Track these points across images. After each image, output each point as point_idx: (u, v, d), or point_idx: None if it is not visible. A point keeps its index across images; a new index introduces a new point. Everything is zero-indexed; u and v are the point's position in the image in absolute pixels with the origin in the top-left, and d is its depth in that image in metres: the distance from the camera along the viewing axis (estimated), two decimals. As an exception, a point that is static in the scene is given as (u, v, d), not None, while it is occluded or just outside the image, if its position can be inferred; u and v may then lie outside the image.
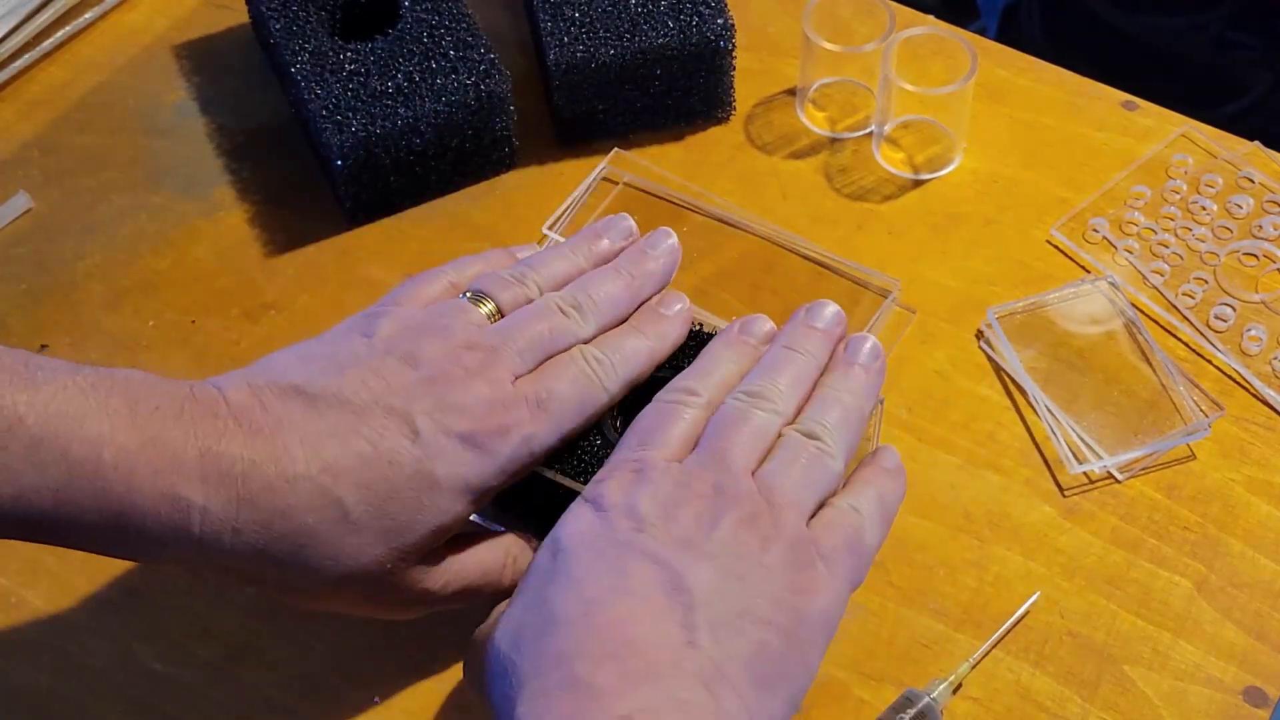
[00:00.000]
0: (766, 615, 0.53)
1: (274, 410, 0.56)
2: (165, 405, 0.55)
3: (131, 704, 0.65)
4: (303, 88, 0.78)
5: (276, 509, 0.55)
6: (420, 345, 0.59)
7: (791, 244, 0.78)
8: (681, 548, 0.54)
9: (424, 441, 0.57)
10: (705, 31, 0.79)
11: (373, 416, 0.57)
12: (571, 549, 0.55)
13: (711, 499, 0.56)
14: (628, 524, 0.55)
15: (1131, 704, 0.64)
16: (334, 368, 0.58)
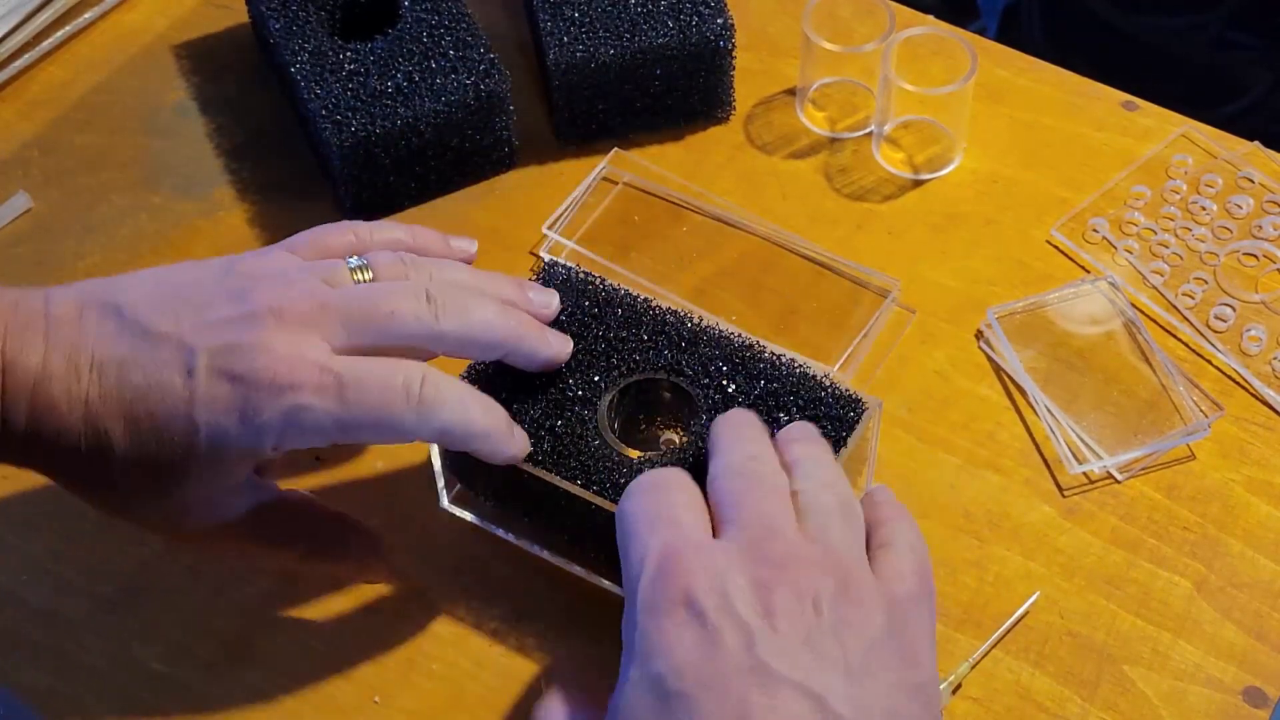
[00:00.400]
0: (906, 707, 0.50)
1: (87, 329, 0.57)
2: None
3: (131, 704, 0.65)
4: (303, 88, 0.78)
5: (56, 428, 0.56)
6: (259, 287, 0.58)
7: (791, 244, 0.78)
8: (803, 655, 0.50)
9: (195, 382, 0.56)
10: (705, 31, 0.79)
11: (162, 349, 0.56)
12: (684, 691, 0.49)
13: (794, 574, 0.51)
14: (738, 639, 0.50)
15: (1131, 704, 0.64)
16: (169, 294, 0.58)
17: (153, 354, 0.56)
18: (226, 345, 0.56)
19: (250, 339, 0.56)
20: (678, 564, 0.52)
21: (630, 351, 0.65)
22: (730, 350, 0.65)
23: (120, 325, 0.57)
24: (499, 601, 0.67)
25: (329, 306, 0.58)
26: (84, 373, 0.56)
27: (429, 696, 0.65)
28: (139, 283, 0.59)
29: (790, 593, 0.51)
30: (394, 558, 0.67)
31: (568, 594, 0.67)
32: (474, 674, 0.65)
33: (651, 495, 0.56)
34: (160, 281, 0.59)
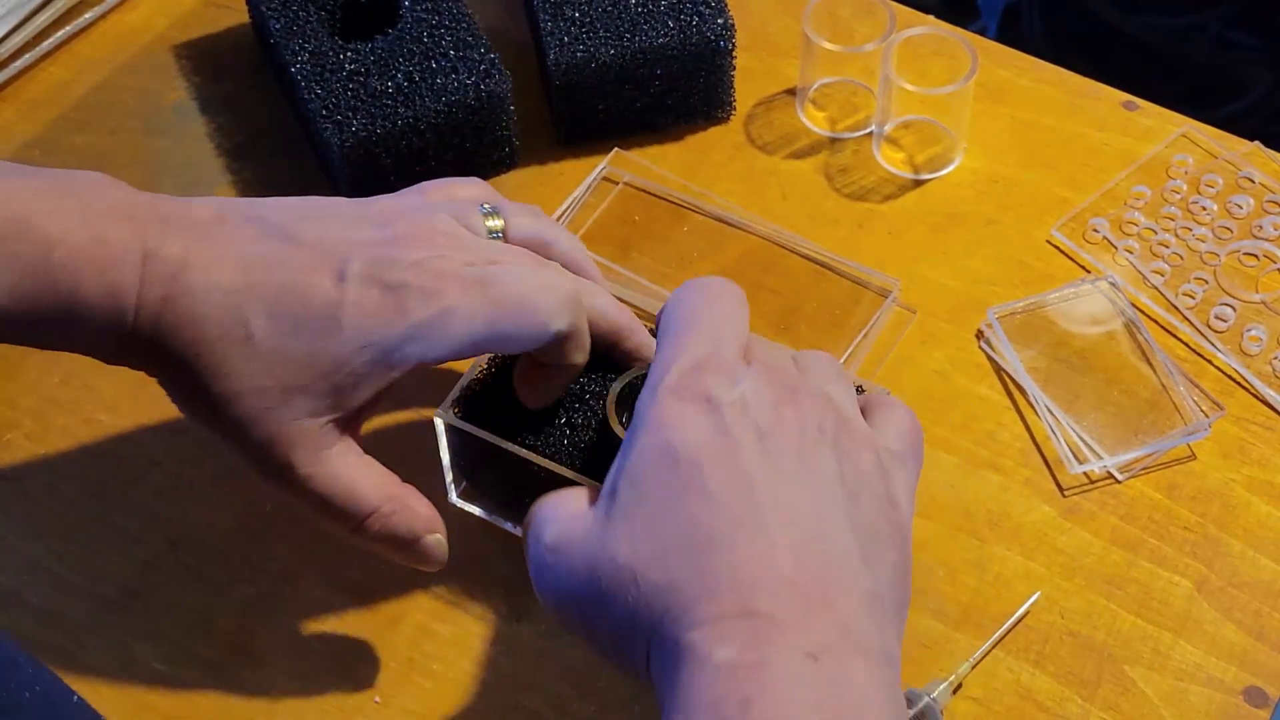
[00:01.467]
0: (887, 533, 0.52)
1: (228, 228, 0.58)
2: (120, 207, 0.57)
3: (131, 704, 0.65)
4: (303, 88, 0.78)
5: (190, 314, 0.57)
6: (400, 218, 0.60)
7: (791, 244, 0.78)
8: (805, 462, 0.52)
9: (345, 286, 0.57)
10: (705, 31, 0.79)
11: (309, 254, 0.58)
12: (696, 460, 0.52)
13: (808, 402, 0.54)
14: (746, 431, 0.52)
15: (1131, 704, 0.64)
16: (311, 214, 0.60)
17: (301, 256, 0.58)
18: (376, 258, 0.58)
19: (399, 255, 0.58)
20: (707, 366, 0.54)
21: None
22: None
23: (264, 229, 0.59)
24: (500, 600, 0.67)
25: (469, 249, 0.60)
26: (228, 264, 0.57)
27: (429, 696, 0.65)
28: (279, 203, 0.61)
29: (797, 413, 0.53)
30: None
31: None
32: (474, 674, 0.65)
33: (702, 296, 0.58)
34: (300, 203, 0.61)
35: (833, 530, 0.51)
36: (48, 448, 0.72)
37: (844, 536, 0.51)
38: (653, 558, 0.51)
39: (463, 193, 0.64)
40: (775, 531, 0.50)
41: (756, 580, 0.49)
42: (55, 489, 0.71)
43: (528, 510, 0.66)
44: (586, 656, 0.65)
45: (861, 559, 0.51)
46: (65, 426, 0.72)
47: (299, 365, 0.57)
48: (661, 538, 0.51)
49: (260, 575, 0.68)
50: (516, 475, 0.64)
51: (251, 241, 0.58)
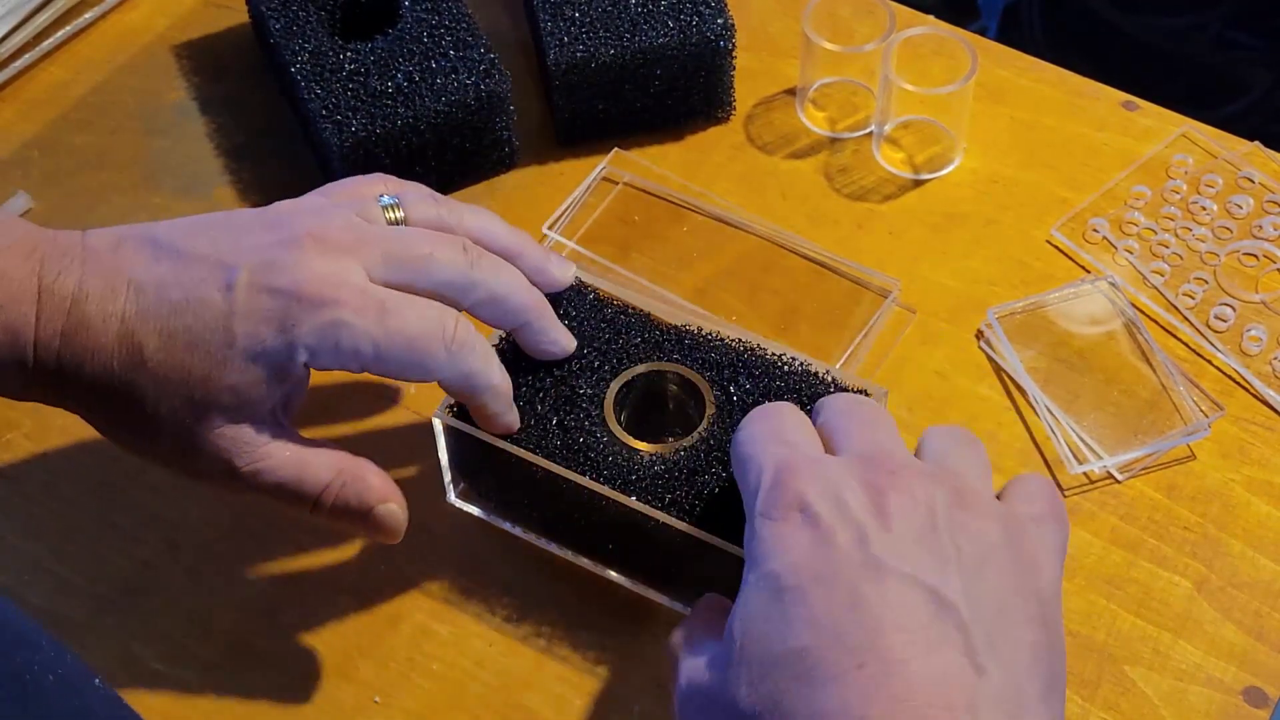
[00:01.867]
0: (1021, 609, 0.50)
1: (124, 256, 0.58)
2: (19, 244, 0.58)
3: (131, 704, 0.64)
4: (303, 88, 0.78)
5: (88, 346, 0.57)
6: (296, 218, 0.60)
7: (791, 244, 0.78)
8: (917, 551, 0.50)
9: (234, 296, 0.57)
10: (705, 31, 0.79)
11: (199, 268, 0.58)
12: (798, 585, 0.49)
13: (909, 483, 0.51)
14: (850, 536, 0.50)
15: (1131, 704, 0.64)
16: (206, 228, 0.60)
17: (190, 272, 0.57)
18: (266, 262, 0.57)
19: (291, 258, 0.57)
20: (793, 474, 0.52)
21: (637, 351, 0.66)
22: (734, 352, 0.65)
23: (157, 251, 0.58)
24: (500, 601, 0.67)
25: (367, 239, 0.59)
26: (121, 293, 0.57)
27: (429, 696, 0.65)
28: (174, 222, 0.61)
29: (904, 497, 0.51)
30: (395, 556, 0.67)
31: (570, 593, 0.67)
32: (474, 674, 0.65)
33: (764, 421, 0.57)
34: (195, 219, 0.61)
35: (956, 624, 0.48)
36: (48, 447, 0.72)
37: (971, 629, 0.48)
38: (770, 701, 0.48)
39: (365, 189, 0.64)
40: (886, 649, 0.47)
41: (868, 709, 0.47)
42: (55, 489, 0.71)
43: (526, 512, 0.67)
44: (587, 657, 0.65)
45: (990, 650, 0.48)
46: (65, 426, 0.72)
47: (200, 382, 0.57)
48: (774, 678, 0.49)
49: (260, 575, 0.68)
50: (514, 476, 0.64)
51: (146, 265, 0.58)
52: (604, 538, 0.65)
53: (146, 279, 0.58)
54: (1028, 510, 0.54)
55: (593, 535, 0.65)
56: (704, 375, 0.65)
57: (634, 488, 0.61)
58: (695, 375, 0.65)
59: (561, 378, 0.65)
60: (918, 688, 0.47)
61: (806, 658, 0.48)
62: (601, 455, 0.62)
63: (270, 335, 0.57)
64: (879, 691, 0.47)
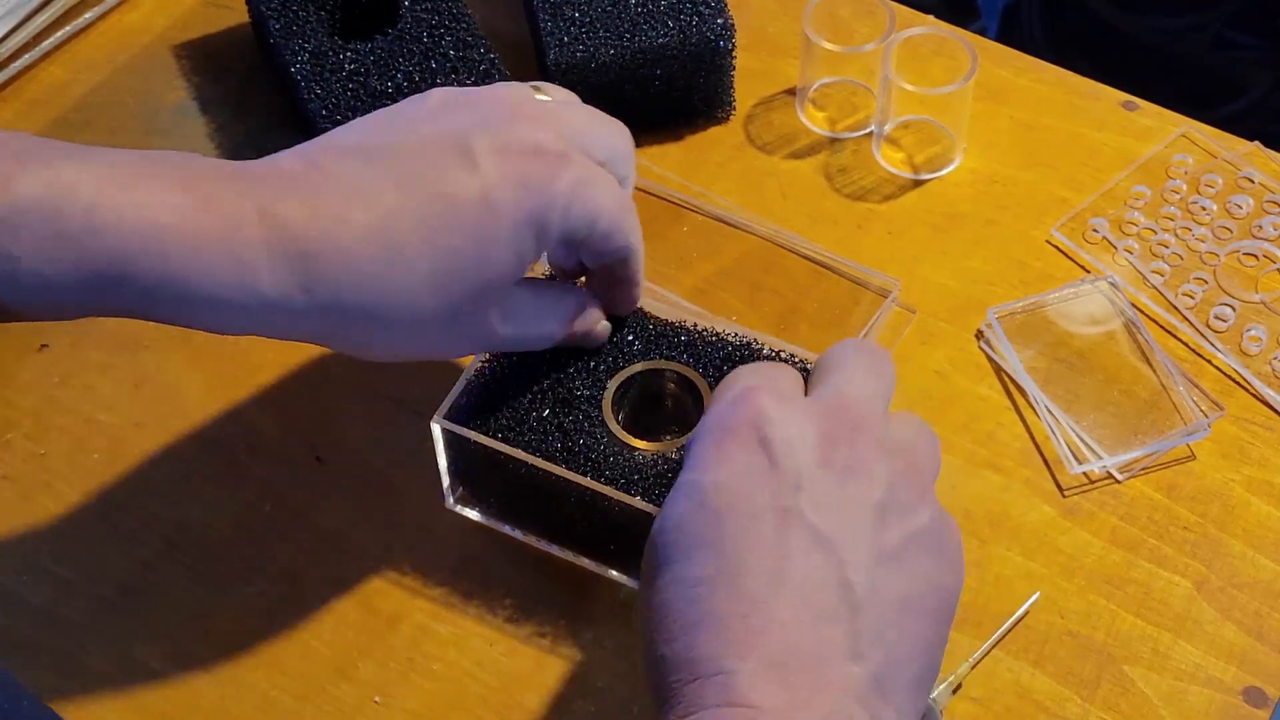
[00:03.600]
0: (922, 601, 0.50)
1: (329, 170, 0.56)
2: (216, 173, 0.55)
3: (131, 704, 0.65)
4: (303, 88, 0.78)
5: (343, 264, 0.54)
6: (478, 100, 0.58)
7: (791, 244, 0.78)
8: (842, 521, 0.50)
9: (483, 171, 0.55)
10: (705, 31, 0.79)
11: (430, 156, 0.56)
12: (721, 508, 0.50)
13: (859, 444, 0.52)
14: (786, 473, 0.51)
15: (1131, 704, 0.64)
16: (388, 124, 0.58)
17: (423, 163, 0.55)
18: (497, 136, 0.56)
19: (516, 130, 0.56)
20: (758, 399, 0.53)
21: (634, 351, 0.66)
22: (731, 349, 0.66)
23: (365, 157, 0.56)
24: (500, 601, 0.67)
25: (553, 111, 0.59)
26: (354, 204, 0.55)
27: (429, 696, 0.65)
28: (353, 129, 0.59)
29: (854, 456, 0.51)
30: (395, 556, 0.67)
31: (570, 592, 0.67)
32: (474, 674, 0.65)
33: (764, 365, 0.58)
34: (368, 122, 0.59)
35: (849, 604, 0.49)
36: (47, 447, 0.72)
37: (864, 611, 0.49)
38: (659, 624, 0.50)
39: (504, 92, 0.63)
40: (780, 609, 0.48)
41: (743, 663, 0.47)
42: (55, 489, 0.71)
43: (526, 514, 0.67)
44: (586, 657, 0.65)
45: (875, 637, 0.49)
46: (65, 426, 0.72)
47: (469, 267, 0.56)
48: (669, 603, 0.50)
49: (260, 575, 0.68)
50: (514, 478, 0.64)
51: (360, 172, 0.55)
52: (605, 538, 0.65)
53: (376, 181, 0.55)
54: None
55: (594, 535, 0.65)
56: (702, 373, 0.65)
57: (635, 487, 0.61)
58: (693, 373, 0.65)
59: (559, 379, 0.65)
60: (790, 656, 0.48)
61: (699, 586, 0.49)
62: (601, 455, 0.62)
63: (530, 198, 0.56)
64: (751, 647, 0.48)
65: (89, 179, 0.52)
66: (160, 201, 0.53)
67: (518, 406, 0.63)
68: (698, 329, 0.67)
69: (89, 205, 0.52)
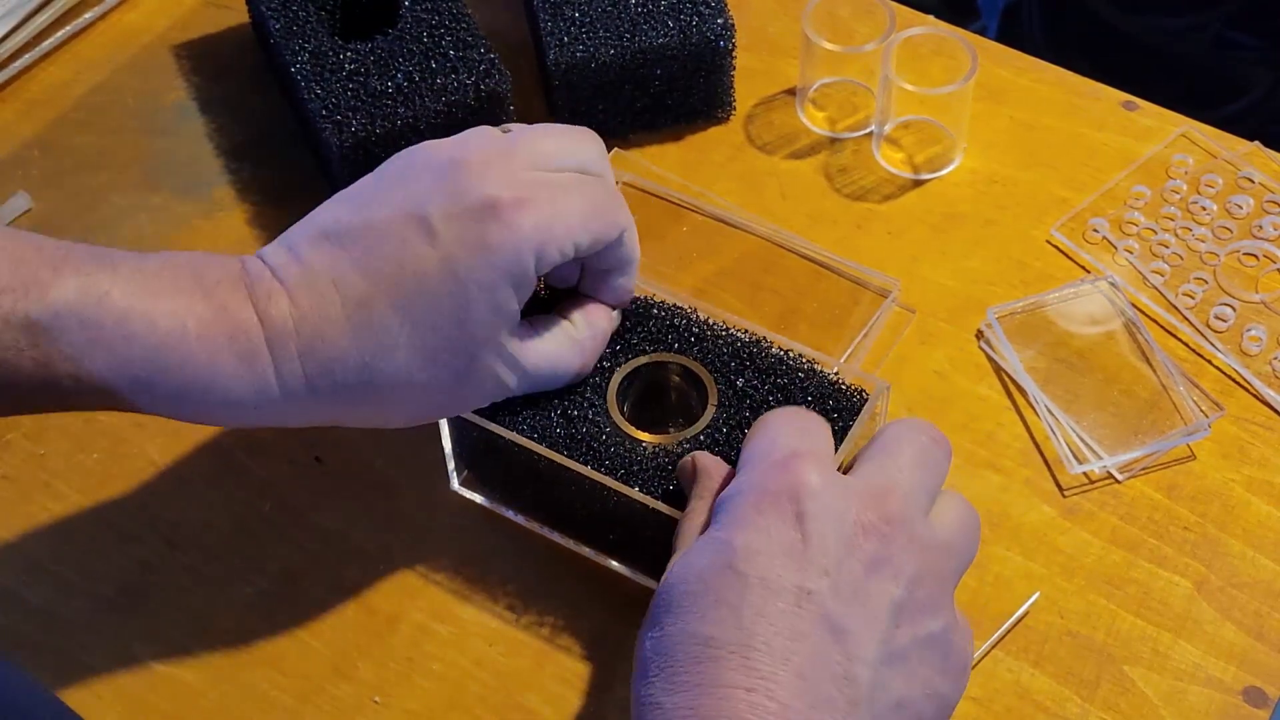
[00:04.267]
0: (918, 710, 0.51)
1: (308, 261, 0.58)
2: (225, 278, 0.58)
3: (131, 704, 0.65)
4: (303, 88, 0.78)
5: (332, 354, 0.57)
6: (440, 149, 0.60)
7: (791, 244, 0.78)
8: (859, 614, 0.51)
9: (441, 238, 0.57)
10: (705, 31, 0.79)
11: (392, 231, 0.58)
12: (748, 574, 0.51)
13: (893, 540, 0.52)
14: (818, 556, 0.51)
15: (1131, 704, 0.64)
16: (356, 198, 0.60)
17: (387, 242, 0.58)
18: (447, 193, 0.58)
19: (464, 179, 0.58)
20: (802, 470, 0.53)
21: (641, 342, 0.66)
22: (739, 346, 0.66)
23: (337, 241, 0.58)
24: (502, 594, 0.67)
25: (509, 143, 0.60)
26: (331, 295, 0.57)
27: (429, 696, 0.65)
28: (333, 204, 0.61)
29: (883, 547, 0.52)
30: (395, 556, 0.67)
31: (572, 586, 0.67)
32: (473, 674, 0.65)
33: (796, 415, 0.58)
34: (347, 196, 0.61)
35: (849, 698, 0.50)
36: (47, 447, 0.72)
37: (860, 708, 0.50)
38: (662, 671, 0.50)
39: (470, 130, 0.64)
40: (781, 688, 0.49)
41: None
42: (55, 489, 0.71)
43: (528, 500, 0.67)
44: (586, 657, 0.65)
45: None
46: (65, 426, 0.72)
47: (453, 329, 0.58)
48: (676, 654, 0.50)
49: (260, 575, 0.68)
50: (517, 464, 0.64)
51: (336, 258, 0.58)
52: (605, 527, 0.65)
53: (348, 270, 0.57)
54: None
55: (594, 524, 0.65)
56: (707, 368, 0.65)
57: (636, 478, 0.62)
58: (699, 367, 0.65)
59: None
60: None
61: (710, 646, 0.50)
62: (604, 445, 0.63)
63: (493, 255, 0.57)
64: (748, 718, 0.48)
65: (120, 286, 0.56)
66: (186, 308, 0.57)
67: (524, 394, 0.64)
68: (707, 322, 0.67)
69: (123, 313, 0.56)
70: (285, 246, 0.59)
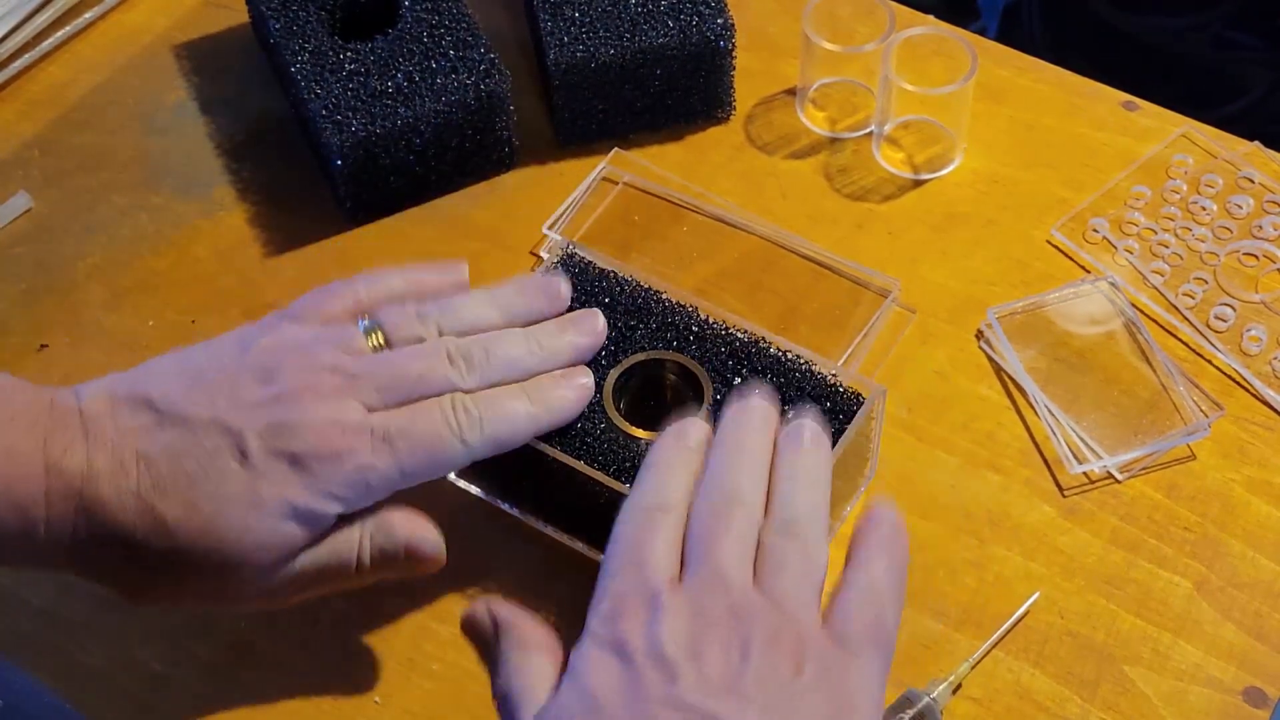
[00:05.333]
0: None
1: (122, 423, 0.58)
2: (21, 416, 0.57)
3: (131, 704, 0.65)
4: (303, 88, 0.78)
5: (108, 524, 0.57)
6: (283, 364, 0.60)
7: (791, 244, 0.78)
8: (722, 694, 0.50)
9: (252, 463, 0.57)
10: (705, 31, 0.79)
11: (208, 436, 0.58)
12: (609, 709, 0.50)
13: (729, 625, 0.52)
14: (658, 676, 0.50)
15: (1131, 704, 0.64)
16: (194, 380, 0.59)
17: (199, 441, 0.58)
18: (271, 426, 0.58)
19: (293, 417, 0.58)
20: (625, 610, 0.53)
21: (639, 339, 0.66)
22: (737, 345, 0.66)
23: (157, 417, 0.58)
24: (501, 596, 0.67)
25: (358, 376, 0.60)
26: (132, 468, 0.57)
27: (429, 696, 0.65)
28: (162, 371, 0.60)
29: (721, 641, 0.51)
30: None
31: (571, 587, 0.67)
32: (474, 674, 0.65)
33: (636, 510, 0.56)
34: (182, 368, 0.60)
35: None
36: (48, 448, 0.72)
37: None
38: None
39: (335, 307, 0.63)
40: None
41: None
42: (55, 489, 0.71)
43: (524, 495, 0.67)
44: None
45: None
46: (65, 426, 0.72)
47: (233, 544, 0.57)
48: None
49: (260, 575, 0.68)
50: (512, 458, 0.64)
51: (150, 434, 0.58)
52: (601, 523, 0.65)
53: (155, 451, 0.57)
54: (851, 637, 0.53)
55: (590, 520, 0.65)
56: (705, 366, 0.65)
57: (630, 475, 0.62)
58: (696, 365, 0.65)
59: None
60: None
61: None
62: (599, 441, 0.63)
63: (299, 496, 0.58)
64: None
65: None
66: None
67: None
68: (707, 321, 0.67)
69: None
70: (107, 396, 0.59)
